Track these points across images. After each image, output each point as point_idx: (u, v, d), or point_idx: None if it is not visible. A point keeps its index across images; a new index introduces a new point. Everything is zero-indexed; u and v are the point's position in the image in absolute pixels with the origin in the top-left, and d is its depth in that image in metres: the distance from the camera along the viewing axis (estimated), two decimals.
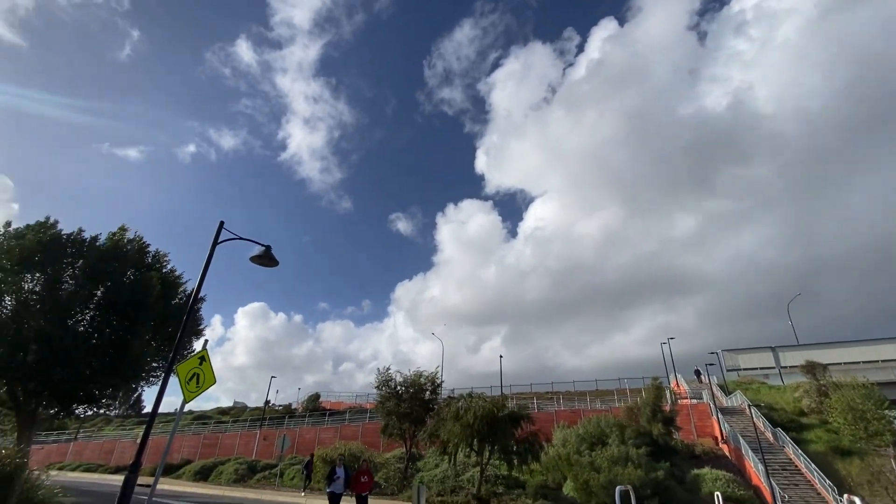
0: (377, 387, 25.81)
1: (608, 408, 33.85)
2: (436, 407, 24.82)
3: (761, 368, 37.86)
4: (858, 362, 35.40)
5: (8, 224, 11.51)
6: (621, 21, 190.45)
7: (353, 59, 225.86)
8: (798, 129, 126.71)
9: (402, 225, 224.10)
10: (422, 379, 25.33)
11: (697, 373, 40.17)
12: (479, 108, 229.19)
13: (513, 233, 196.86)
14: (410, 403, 24.56)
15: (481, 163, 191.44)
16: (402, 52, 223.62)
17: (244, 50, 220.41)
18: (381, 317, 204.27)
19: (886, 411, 26.13)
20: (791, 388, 33.72)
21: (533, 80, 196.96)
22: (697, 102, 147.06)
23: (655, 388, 28.89)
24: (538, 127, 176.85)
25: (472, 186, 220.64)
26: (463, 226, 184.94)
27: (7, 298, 10.94)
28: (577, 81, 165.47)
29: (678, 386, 38.76)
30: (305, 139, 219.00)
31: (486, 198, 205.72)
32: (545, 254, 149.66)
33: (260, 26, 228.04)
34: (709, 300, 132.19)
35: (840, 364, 34.45)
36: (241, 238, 8.16)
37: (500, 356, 41.55)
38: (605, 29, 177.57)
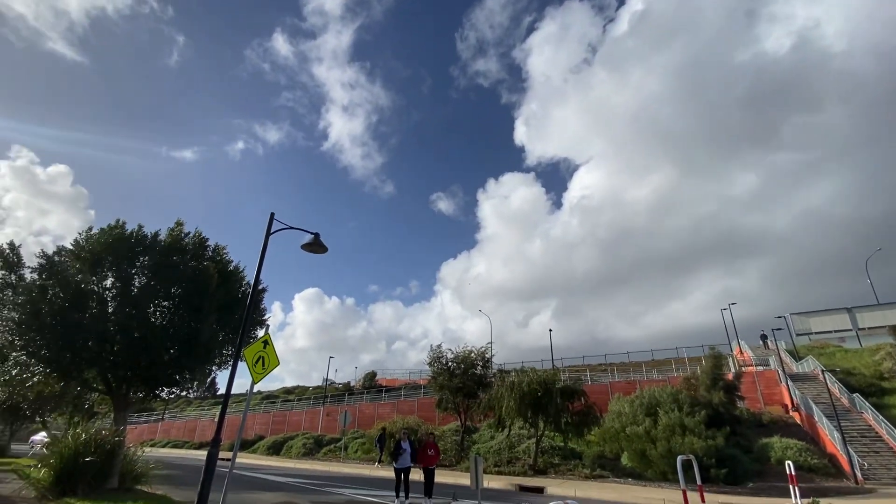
0: (430, 363, 26.48)
1: (666, 378, 32.89)
2: (488, 381, 25.18)
3: (836, 332, 35.17)
4: None
5: (89, 229, 12.62)
6: None
7: (385, 40, 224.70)
8: (874, 68, 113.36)
9: (444, 204, 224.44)
10: (472, 355, 25.68)
11: (764, 338, 37.99)
12: (516, 77, 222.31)
13: (557, 204, 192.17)
14: (462, 378, 25.04)
15: (521, 134, 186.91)
16: (433, 27, 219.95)
17: (280, 43, 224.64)
18: (429, 296, 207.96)
19: None
20: (870, 351, 31.23)
21: (571, 42, 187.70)
22: (756, 47, 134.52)
23: (714, 356, 27.71)
24: (579, 91, 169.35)
25: (512, 159, 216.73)
26: (505, 200, 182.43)
27: (90, 300, 12.07)
28: (620, 37, 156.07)
29: (742, 353, 36.91)
30: (345, 126, 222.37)
31: (527, 170, 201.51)
32: (593, 224, 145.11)
33: (294, 17, 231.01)
34: (775, 262, 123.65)
35: None
36: (291, 227, 8.48)
37: (550, 330, 41.22)
38: None
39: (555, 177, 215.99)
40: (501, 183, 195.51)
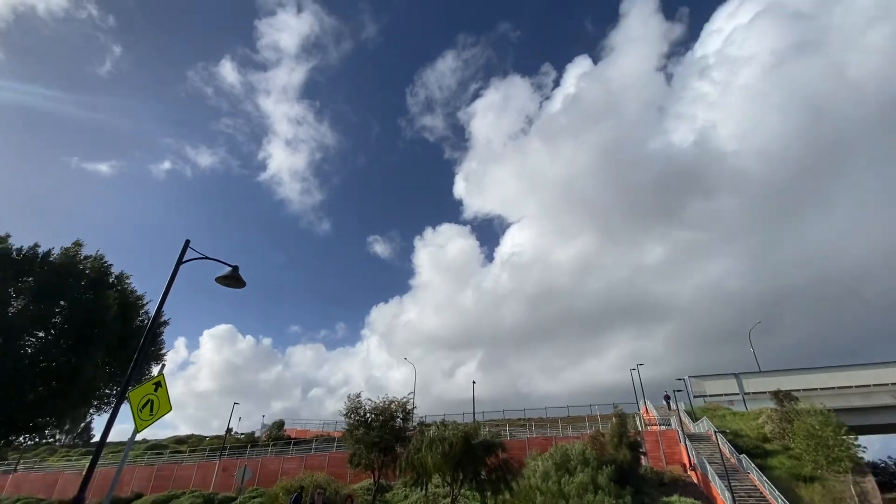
0: (346, 414, 25.00)
1: (580, 434, 33.77)
2: (407, 435, 24.18)
3: (726, 395, 38.75)
4: (816, 389, 36.74)
5: None
6: (595, 59, 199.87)
7: (338, 84, 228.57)
8: (758, 167, 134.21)
9: (381, 248, 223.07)
10: (393, 406, 24.71)
11: (667, 398, 40.75)
12: (459, 136, 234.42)
13: (490, 258, 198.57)
14: (380, 432, 23.84)
15: (460, 188, 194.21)
16: (386, 80, 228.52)
17: (228, 70, 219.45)
18: (355, 341, 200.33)
19: (844, 437, 27.03)
20: (754, 415, 34.57)
21: (512, 112, 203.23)
22: (665, 138, 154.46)
23: (618, 415, 29.31)
24: (516, 156, 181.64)
25: (450, 211, 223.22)
26: (441, 249, 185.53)
27: None
28: (554, 114, 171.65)
29: (647, 412, 39.16)
30: (286, 160, 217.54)
31: (464, 222, 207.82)
32: (522, 279, 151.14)
33: (246, 48, 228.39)
34: (678, 327, 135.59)
35: (798, 391, 35.67)
36: (206, 257, 7.91)
37: (474, 382, 41.17)
38: (579, 66, 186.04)
39: (489, 231, 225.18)
40: (439, 232, 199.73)
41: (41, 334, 11.00)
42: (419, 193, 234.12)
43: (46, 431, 11.92)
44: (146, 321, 13.29)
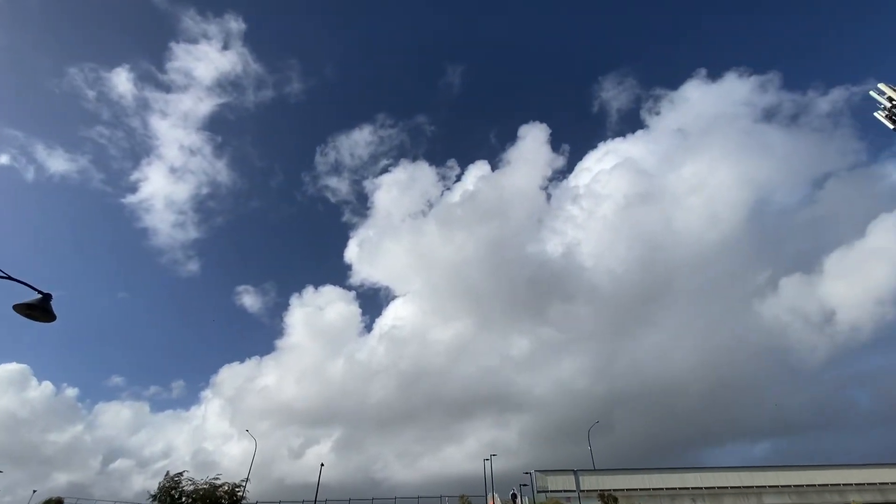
0: (156, 496, 20.82)
1: None
2: None
3: (565, 491, 40.80)
4: (636, 489, 40.69)
5: None
6: (493, 167, 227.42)
7: (248, 126, 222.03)
8: (607, 284, 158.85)
9: (251, 300, 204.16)
10: (220, 490, 21.35)
11: (513, 496, 41.40)
12: (362, 203, 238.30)
13: (369, 328, 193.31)
14: None
15: (352, 253, 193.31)
16: (299, 135, 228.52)
17: (122, 80, 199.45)
18: (191, 403, 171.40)
19: None
20: None
21: (415, 193, 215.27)
22: (541, 245, 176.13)
23: None
24: (412, 234, 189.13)
25: (338, 274, 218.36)
26: (319, 312, 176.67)
27: None
28: (452, 204, 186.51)
29: None
30: (166, 187, 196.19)
31: (350, 287, 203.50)
32: (398, 355, 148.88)
33: (152, 65, 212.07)
34: (532, 419, 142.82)
35: (622, 490, 39.21)
36: (11, 278, 6.76)
37: (322, 464, 37.67)
38: (480, 169, 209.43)
39: (373, 301, 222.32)
40: (321, 293, 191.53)
41: None
42: (308, 250, 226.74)
43: None
44: None
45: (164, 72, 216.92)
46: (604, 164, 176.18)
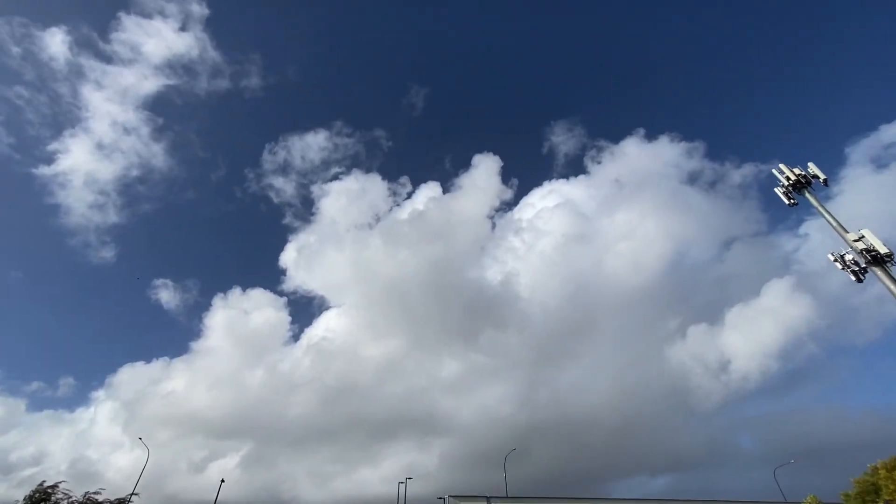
0: None
1: None
2: None
3: None
4: None
5: None
6: (444, 189, 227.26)
7: (195, 112, 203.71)
8: (539, 316, 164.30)
9: (168, 295, 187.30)
10: None
11: None
12: (306, 208, 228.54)
13: (297, 337, 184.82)
14: None
15: (289, 257, 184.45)
16: (250, 129, 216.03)
17: (56, 41, 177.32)
18: (78, 404, 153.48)
19: None
20: None
21: (364, 205, 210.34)
22: (481, 272, 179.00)
23: None
24: (356, 245, 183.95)
25: (270, 278, 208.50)
26: (244, 315, 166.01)
27: None
28: (400, 221, 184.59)
29: None
30: (89, 163, 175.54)
31: (281, 293, 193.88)
32: (325, 368, 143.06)
33: (94, 32, 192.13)
34: (454, 444, 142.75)
35: None
36: None
37: (222, 481, 35.12)
38: (431, 190, 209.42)
39: (305, 310, 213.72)
40: (249, 296, 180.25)
41: None
42: (241, 250, 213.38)
43: None
44: None
45: (108, 41, 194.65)
46: (547, 201, 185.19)
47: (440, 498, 39.54)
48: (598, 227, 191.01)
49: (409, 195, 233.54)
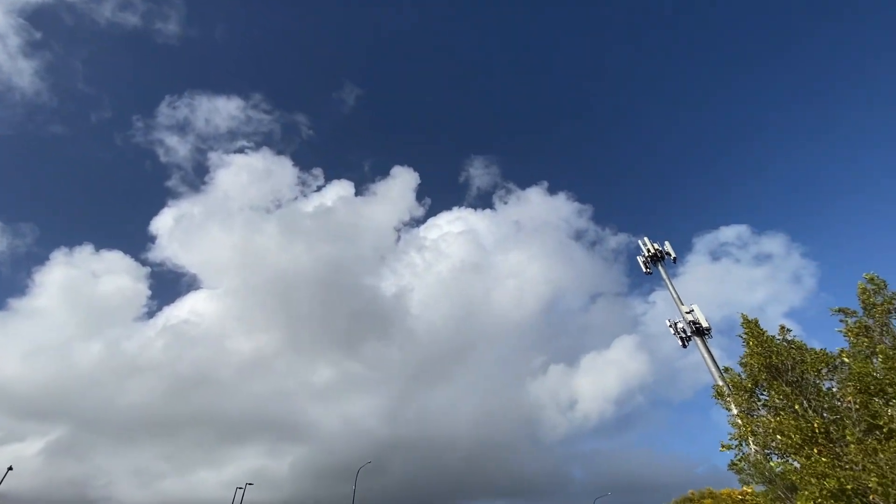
0: None
1: None
2: None
3: None
4: None
5: None
6: (357, 191, 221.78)
7: (87, 40, 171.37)
8: (425, 335, 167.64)
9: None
10: None
11: None
12: (198, 174, 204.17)
13: (153, 314, 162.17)
14: None
15: (164, 224, 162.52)
16: (152, 74, 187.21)
17: None
18: None
19: None
20: None
21: (267, 187, 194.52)
22: (377, 281, 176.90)
23: None
24: (248, 228, 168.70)
25: (135, 242, 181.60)
26: (92, 279, 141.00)
27: None
28: (303, 213, 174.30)
29: None
30: None
31: (145, 262, 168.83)
32: (180, 354, 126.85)
33: None
34: (310, 452, 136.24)
35: None
36: None
37: (9, 468, 28.99)
38: (343, 188, 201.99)
39: (171, 286, 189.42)
40: (102, 257, 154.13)
41: None
42: (105, 204, 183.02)
43: None
44: None
45: None
46: (454, 226, 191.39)
47: None
48: (494, 260, 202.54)
49: (320, 189, 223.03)
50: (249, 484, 36.79)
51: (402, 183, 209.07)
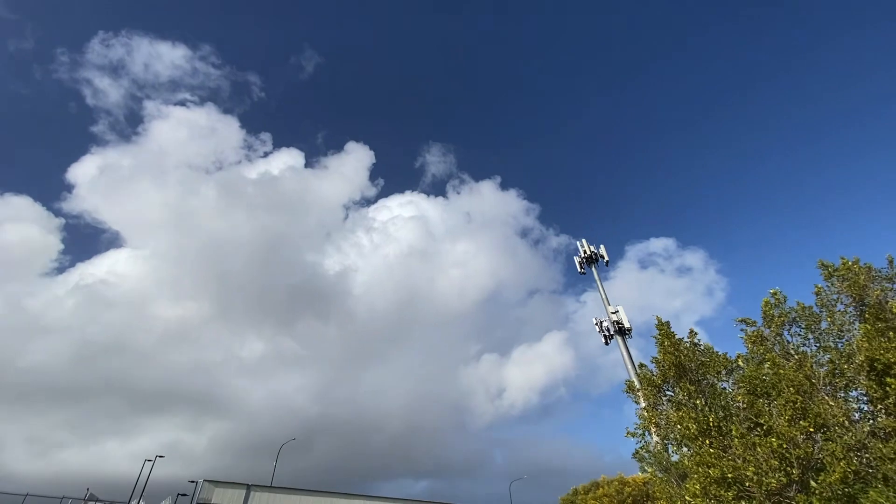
0: None
1: None
2: None
3: None
4: None
5: None
6: (308, 163, 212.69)
7: None
8: (363, 316, 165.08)
9: None
10: None
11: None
12: (131, 123, 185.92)
13: (64, 270, 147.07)
14: None
15: (84, 173, 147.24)
16: (86, 6, 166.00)
17: None
18: None
19: None
20: None
21: (208, 146, 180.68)
22: (320, 257, 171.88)
23: None
24: (183, 188, 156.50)
25: (47, 190, 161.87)
26: None
27: None
28: (246, 179, 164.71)
29: None
30: None
31: (58, 212, 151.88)
32: (91, 317, 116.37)
33: None
34: (232, 428, 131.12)
35: None
36: None
37: None
38: (293, 157, 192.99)
39: (89, 242, 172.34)
40: (7, 202, 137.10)
41: None
42: (15, 143, 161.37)
43: None
44: None
45: None
46: (405, 210, 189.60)
47: (192, 481, 35.53)
48: (441, 248, 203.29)
49: (267, 155, 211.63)
50: (160, 457, 34.75)
51: (355, 160, 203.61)
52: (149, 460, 34.79)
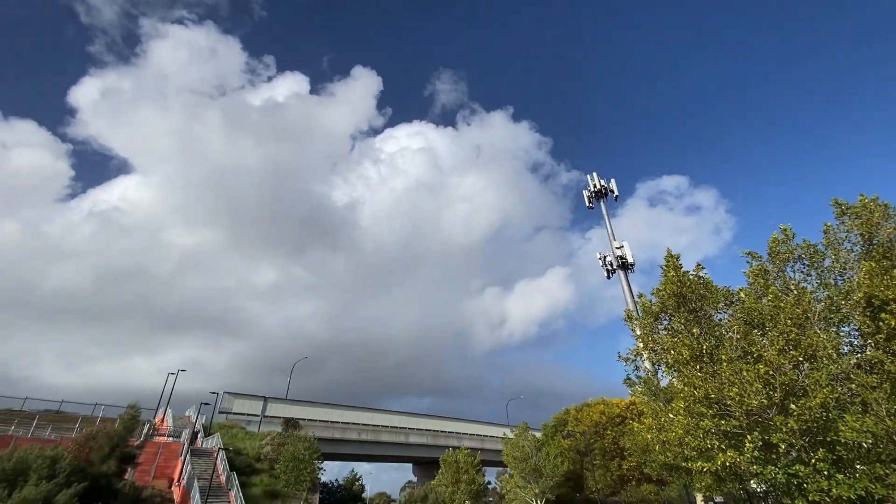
0: None
1: (61, 437, 27.34)
2: None
3: (248, 414, 41.62)
4: (316, 420, 44.81)
5: None
6: (313, 90, 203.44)
7: None
8: (371, 246, 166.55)
9: None
10: None
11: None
12: (129, 45, 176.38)
13: (77, 196, 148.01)
14: None
15: (87, 96, 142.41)
16: None
17: None
18: None
19: (316, 462, 33.43)
20: (261, 436, 38.30)
21: (210, 70, 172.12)
22: (328, 188, 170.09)
23: (129, 418, 26.06)
24: (188, 112, 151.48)
25: (51, 114, 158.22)
26: (2, 150, 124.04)
27: None
28: (251, 106, 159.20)
29: (163, 422, 36.53)
30: None
31: (64, 137, 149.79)
32: (109, 243, 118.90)
33: None
34: (250, 348, 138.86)
35: (305, 420, 42.62)
36: None
37: None
38: (297, 83, 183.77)
39: (96, 168, 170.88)
40: (13, 127, 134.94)
41: None
42: (15, 65, 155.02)
43: None
44: None
45: None
46: (413, 141, 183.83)
47: (213, 392, 38.32)
48: (449, 182, 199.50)
49: (270, 80, 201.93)
50: (182, 370, 37.22)
51: (363, 87, 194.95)
52: (172, 373, 37.34)
